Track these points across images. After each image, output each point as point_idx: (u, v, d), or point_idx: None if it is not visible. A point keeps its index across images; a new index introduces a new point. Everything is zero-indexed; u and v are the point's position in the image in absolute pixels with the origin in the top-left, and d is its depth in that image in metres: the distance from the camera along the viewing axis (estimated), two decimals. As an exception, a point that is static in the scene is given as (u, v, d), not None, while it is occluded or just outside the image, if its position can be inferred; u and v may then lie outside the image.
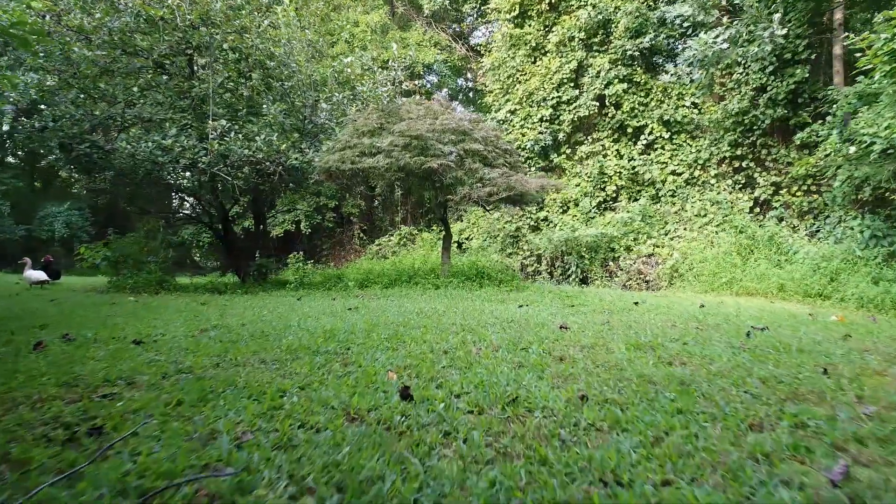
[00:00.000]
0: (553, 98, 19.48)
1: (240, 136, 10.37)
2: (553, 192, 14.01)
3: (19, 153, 31.69)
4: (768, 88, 15.32)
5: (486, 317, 6.29)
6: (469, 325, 5.60)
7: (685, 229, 16.25)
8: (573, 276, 17.29)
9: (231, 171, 10.48)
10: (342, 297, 9.40)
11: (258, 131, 10.52)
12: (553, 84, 19.45)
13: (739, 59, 15.09)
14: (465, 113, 10.50)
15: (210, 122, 10.12)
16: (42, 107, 11.06)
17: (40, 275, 12.10)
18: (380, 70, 12.48)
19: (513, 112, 20.38)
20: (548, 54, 20.05)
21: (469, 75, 29.16)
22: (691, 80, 15.92)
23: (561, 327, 5.43)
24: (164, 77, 11.50)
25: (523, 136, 19.58)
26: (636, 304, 8.28)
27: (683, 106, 17.76)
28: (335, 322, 5.77)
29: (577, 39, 19.14)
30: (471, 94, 30.35)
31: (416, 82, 23.25)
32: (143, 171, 10.93)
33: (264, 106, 10.73)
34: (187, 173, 11.05)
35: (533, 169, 18.56)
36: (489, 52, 22.74)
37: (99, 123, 11.05)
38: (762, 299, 10.70)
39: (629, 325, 5.76)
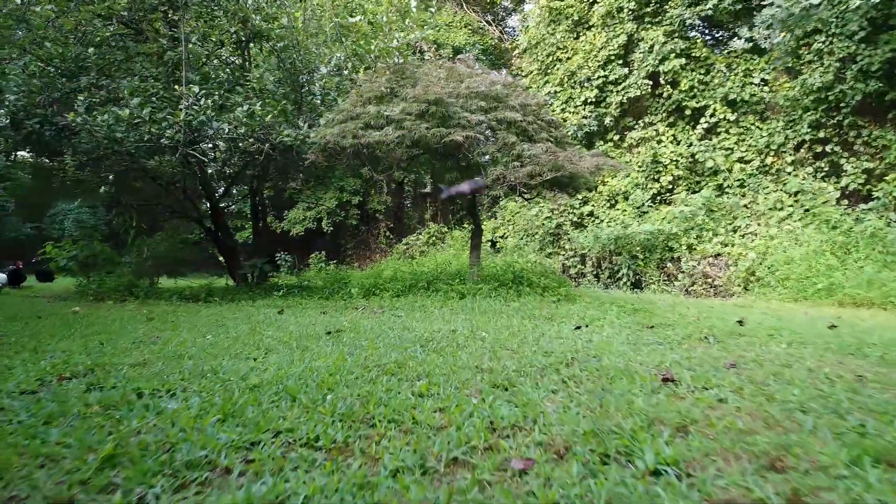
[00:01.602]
0: (599, 78, 17.08)
1: (216, 105, 8.31)
2: (610, 174, 11.60)
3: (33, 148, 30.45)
4: (858, 58, 12.68)
5: (530, 350, 4.02)
6: (503, 371, 3.34)
7: (759, 224, 13.66)
8: (624, 280, 14.84)
9: (208, 150, 8.42)
10: (336, 310, 7.25)
11: (241, 102, 8.42)
12: (598, 62, 17.06)
13: (831, 20, 12.50)
14: (499, 75, 8.17)
15: (181, 88, 8.07)
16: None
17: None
18: (397, 30, 10.28)
19: (553, 94, 18.01)
20: (592, 28, 17.66)
21: (503, 61, 26.90)
22: (770, 48, 13.36)
23: (664, 379, 3.11)
24: (135, 43, 9.49)
25: (565, 121, 17.15)
26: (740, 323, 5.87)
27: (751, 83, 15.12)
28: (283, 366, 3.57)
29: (626, 10, 16.70)
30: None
31: (441, 54, 21.01)
32: (103, 151, 8.95)
33: (250, 73, 8.65)
34: (156, 155, 9.05)
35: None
36: (525, 29, 20.42)
37: (61, 97, 9.08)
38: (890, 314, 8.14)
39: (772, 373, 3.41)
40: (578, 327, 5.34)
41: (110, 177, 11.78)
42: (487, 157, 8.08)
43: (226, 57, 9.33)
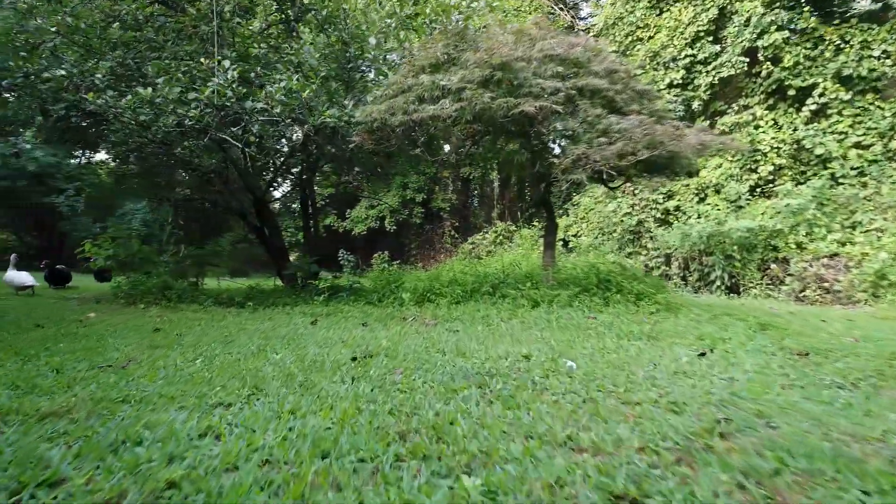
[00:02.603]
0: (686, 57, 15.23)
1: (257, 81, 7.24)
2: (717, 153, 9.82)
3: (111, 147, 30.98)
4: None
5: (646, 397, 2.66)
6: (618, 449, 1.93)
7: (885, 220, 11.50)
8: (717, 283, 12.94)
9: (241, 133, 7.35)
10: (380, 320, 5.98)
11: (279, 77, 7.30)
12: (685, 39, 15.22)
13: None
14: (579, 38, 6.70)
15: (207, 60, 7.03)
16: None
17: (25, 278, 9.59)
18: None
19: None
20: (678, 2, 15.81)
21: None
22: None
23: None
24: (168, 18, 8.55)
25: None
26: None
27: (870, 56, 12.91)
28: (252, 428, 2.29)
29: (717, -21, 14.79)
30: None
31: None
32: (136, 140, 8.10)
33: (286, 45, 7.51)
34: (187, 141, 8.11)
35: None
36: (600, 6, 18.73)
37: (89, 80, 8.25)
38: None
39: None
40: (703, 353, 3.84)
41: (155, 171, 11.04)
42: (564, 133, 6.63)
43: (268, 33, 8.29)
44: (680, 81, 15.27)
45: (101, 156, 31.96)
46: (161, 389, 2.80)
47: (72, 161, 23.93)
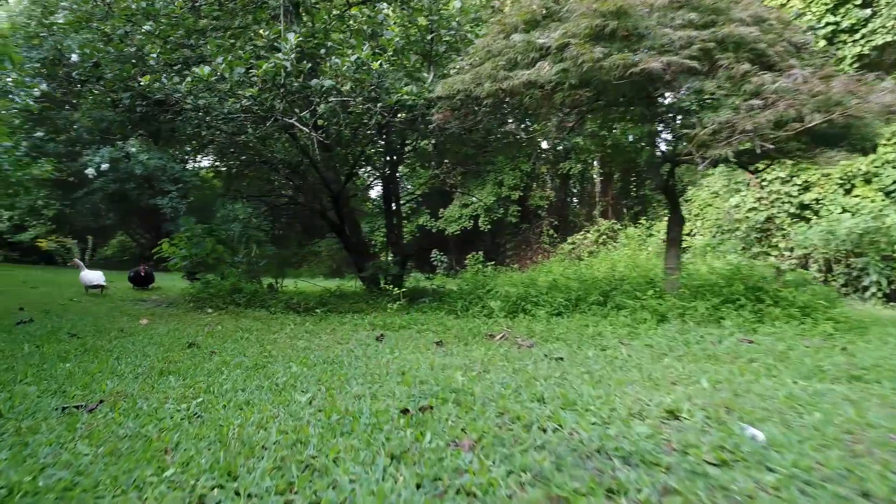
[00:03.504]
0: (826, 26, 12.96)
1: (321, 57, 6.32)
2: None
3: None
4: None
5: None
6: None
7: None
8: (871, 289, 10.71)
9: (308, 117, 6.42)
10: (461, 337, 4.77)
11: (349, 52, 6.31)
12: (826, 5, 12.97)
13: None
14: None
15: (267, 31, 6.16)
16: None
17: (95, 277, 9.24)
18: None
19: (759, 51, 14.13)
20: (816, -39, 13.56)
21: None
22: None
23: None
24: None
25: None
26: None
27: None
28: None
29: (867, -71, 12.45)
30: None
31: None
32: (205, 130, 7.44)
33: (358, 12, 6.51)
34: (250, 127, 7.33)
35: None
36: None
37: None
38: None
39: None
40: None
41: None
42: (698, 100, 5.13)
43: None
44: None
45: (207, 161, 33.20)
46: (92, 465, 1.78)
47: (176, 165, 24.62)
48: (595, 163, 21.69)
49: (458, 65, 6.21)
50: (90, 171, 20.01)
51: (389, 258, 10.39)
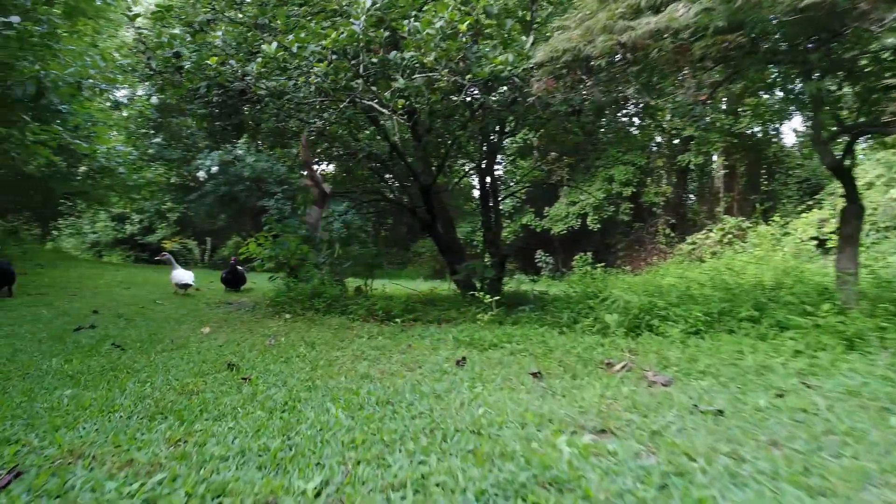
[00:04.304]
0: None
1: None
2: None
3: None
4: None
5: None
6: None
7: None
8: None
9: (388, 97, 5.53)
10: (568, 366, 3.61)
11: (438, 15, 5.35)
12: None
13: None
14: None
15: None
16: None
17: (186, 277, 8.94)
18: None
19: None
20: None
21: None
22: None
23: None
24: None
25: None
26: None
27: None
28: None
29: None
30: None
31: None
32: (283, 118, 6.83)
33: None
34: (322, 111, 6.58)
35: None
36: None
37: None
38: None
39: None
40: None
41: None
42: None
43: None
44: None
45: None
46: None
47: (281, 166, 25.06)
48: (715, 157, 19.56)
49: (563, 22, 5.05)
50: (201, 174, 20.71)
51: (486, 259, 9.38)
